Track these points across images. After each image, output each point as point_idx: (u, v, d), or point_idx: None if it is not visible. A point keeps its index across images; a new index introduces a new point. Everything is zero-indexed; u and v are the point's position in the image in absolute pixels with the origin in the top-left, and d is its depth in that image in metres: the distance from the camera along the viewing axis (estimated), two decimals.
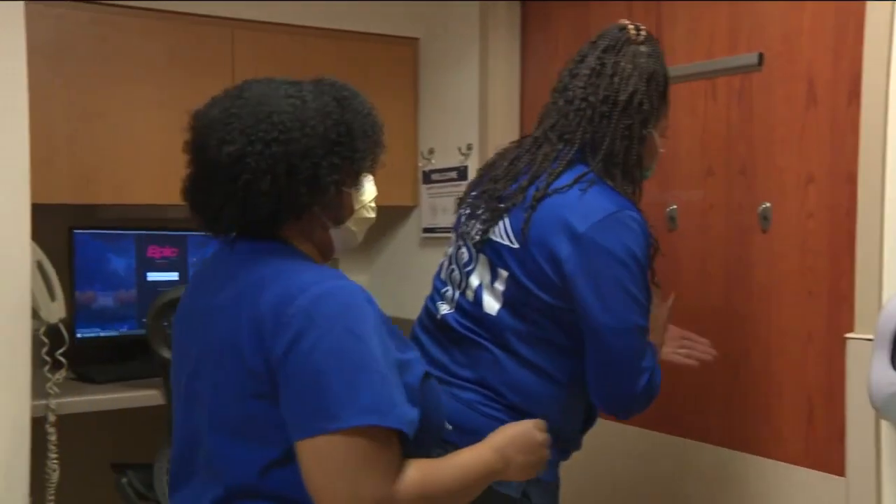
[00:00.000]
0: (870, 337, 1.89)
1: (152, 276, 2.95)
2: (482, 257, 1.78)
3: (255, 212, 1.33)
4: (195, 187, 1.38)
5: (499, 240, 1.75)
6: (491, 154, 2.91)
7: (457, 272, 1.84)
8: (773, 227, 2.25)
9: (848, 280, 2.04)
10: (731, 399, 2.34)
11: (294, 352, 1.22)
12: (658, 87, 1.79)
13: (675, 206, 2.47)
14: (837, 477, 2.05)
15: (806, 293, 2.18)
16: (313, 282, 1.28)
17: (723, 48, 2.37)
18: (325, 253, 1.45)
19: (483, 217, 1.78)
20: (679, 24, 2.48)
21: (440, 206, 3.16)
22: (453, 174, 3.10)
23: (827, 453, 2.11)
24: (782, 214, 2.23)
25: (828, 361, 2.12)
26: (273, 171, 1.31)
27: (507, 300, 1.75)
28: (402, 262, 3.39)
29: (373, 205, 1.49)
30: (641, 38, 1.80)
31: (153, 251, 2.96)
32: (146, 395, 2.59)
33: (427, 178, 3.23)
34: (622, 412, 1.81)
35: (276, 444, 1.26)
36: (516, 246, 1.71)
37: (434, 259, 2.15)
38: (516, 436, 1.47)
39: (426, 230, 3.24)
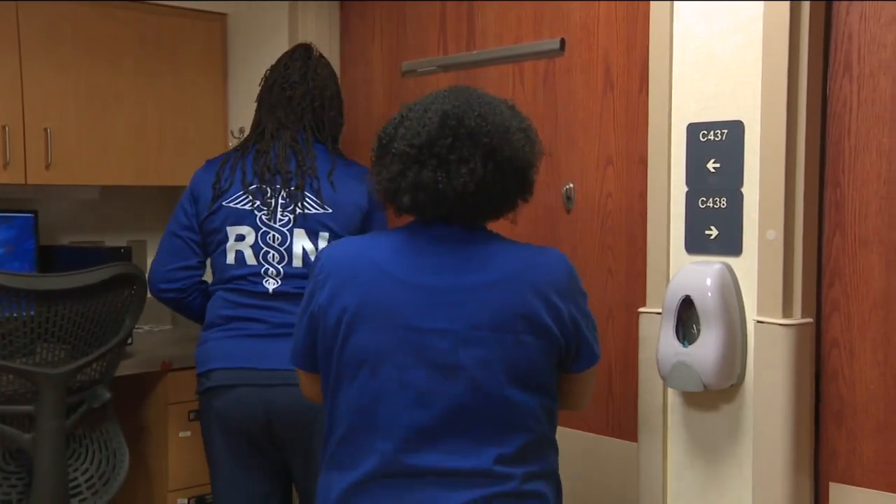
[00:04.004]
0: (659, 311, 2.01)
1: None
2: (298, 230, 2.23)
3: (519, 202, 1.65)
4: (485, 183, 1.56)
5: (312, 212, 2.24)
6: None
7: (273, 252, 2.23)
8: (577, 207, 2.35)
9: (642, 257, 2.15)
10: None
11: (578, 308, 1.61)
12: (337, 81, 2.46)
13: None
14: (631, 442, 2.18)
15: (606, 270, 2.29)
16: (560, 255, 1.64)
17: (529, 33, 2.44)
18: None
19: (283, 203, 2.24)
20: (489, 9, 2.54)
21: None
22: None
23: (624, 422, 2.23)
24: (584, 195, 2.33)
25: (625, 336, 2.24)
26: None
27: None
28: None
29: None
30: (318, 52, 2.45)
31: None
32: None
33: None
34: None
35: (551, 391, 1.61)
36: (330, 211, 2.26)
37: None
38: None
39: None
